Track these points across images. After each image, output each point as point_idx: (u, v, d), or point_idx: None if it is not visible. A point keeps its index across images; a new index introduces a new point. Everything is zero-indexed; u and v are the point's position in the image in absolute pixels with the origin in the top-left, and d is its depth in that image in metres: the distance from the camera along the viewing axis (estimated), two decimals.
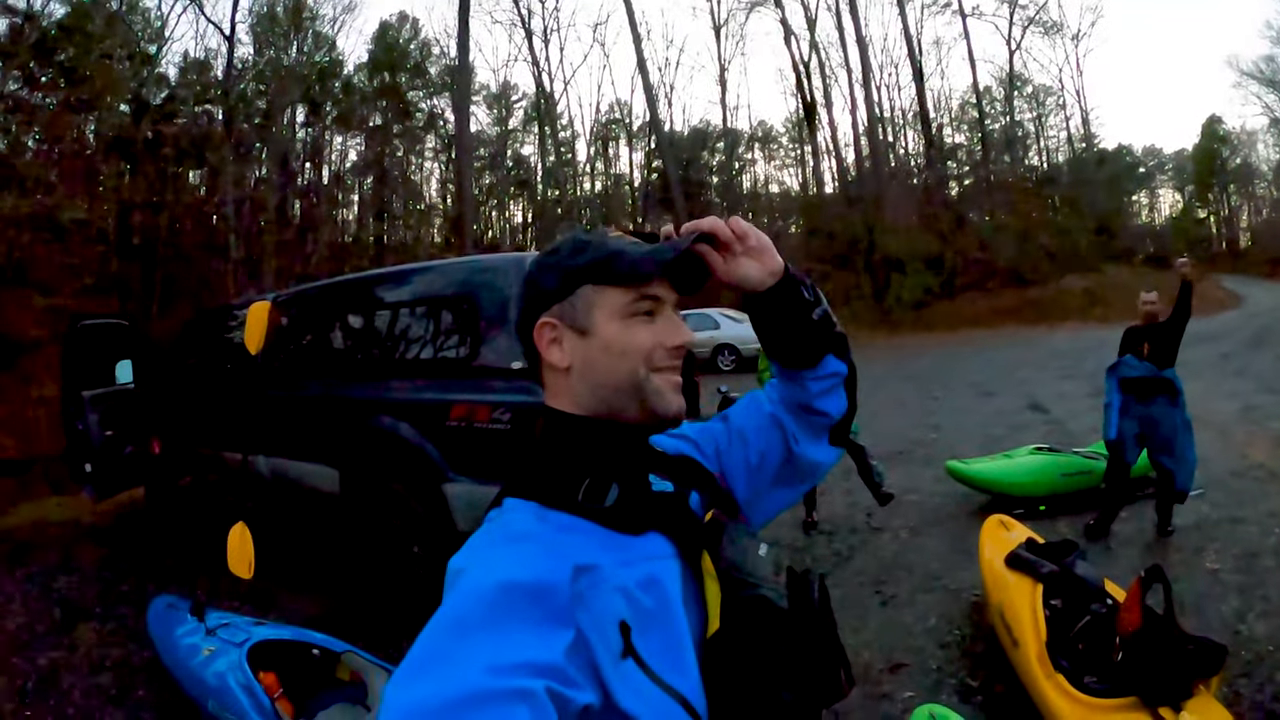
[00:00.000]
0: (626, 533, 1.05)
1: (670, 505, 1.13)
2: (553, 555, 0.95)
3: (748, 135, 47.54)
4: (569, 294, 1.12)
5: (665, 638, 1.00)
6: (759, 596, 1.10)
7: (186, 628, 4.45)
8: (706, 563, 1.10)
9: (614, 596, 0.96)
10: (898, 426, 11.54)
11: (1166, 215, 57.94)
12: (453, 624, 0.86)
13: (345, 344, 6.48)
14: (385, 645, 4.63)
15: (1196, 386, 13.37)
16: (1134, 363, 6.51)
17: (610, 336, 1.11)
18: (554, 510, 1.04)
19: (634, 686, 0.93)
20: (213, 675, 3.93)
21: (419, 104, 40.40)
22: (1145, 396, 6.42)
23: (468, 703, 0.77)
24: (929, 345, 24.97)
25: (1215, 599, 5.25)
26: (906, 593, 5.69)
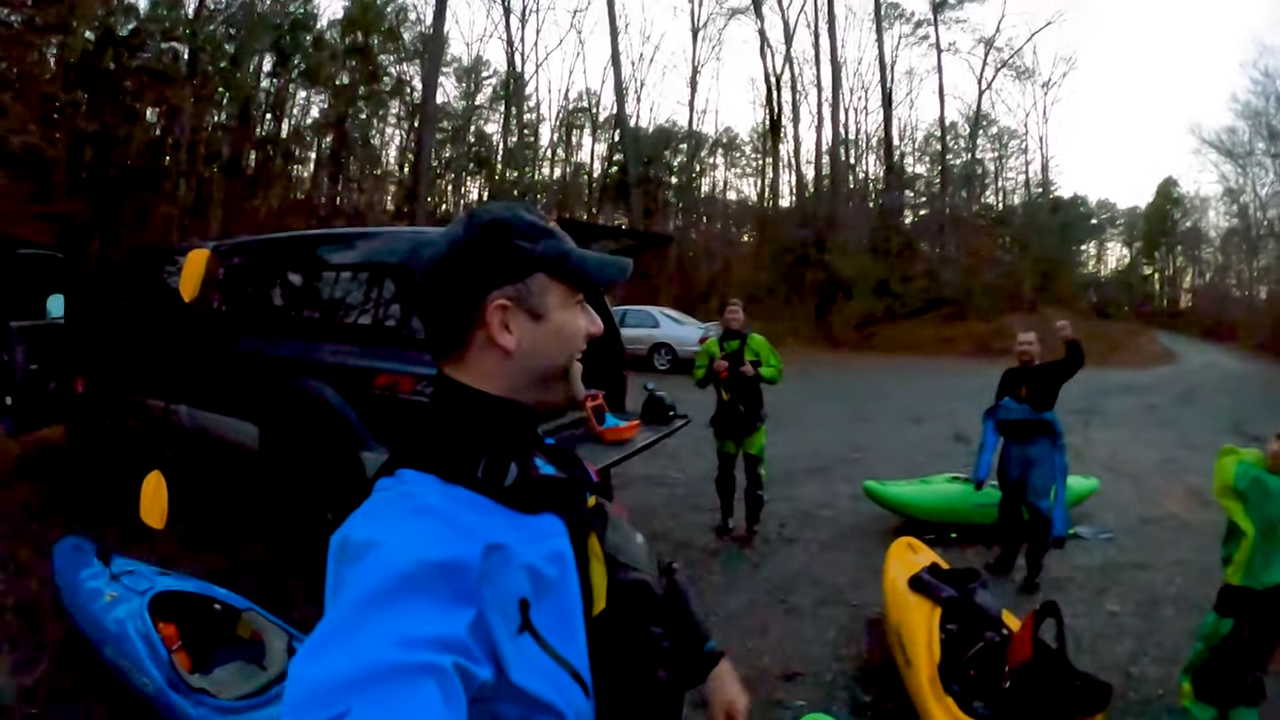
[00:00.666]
0: (524, 512, 1.05)
1: (564, 488, 1.14)
2: (464, 533, 0.95)
3: (712, 140, 47.59)
4: (524, 277, 1.13)
5: (560, 609, 1.03)
6: (641, 581, 1.17)
7: (91, 571, 4.37)
8: (594, 545, 1.13)
9: (518, 575, 0.97)
10: (824, 442, 11.66)
11: (1113, 268, 58.99)
12: (365, 598, 0.85)
13: (280, 301, 6.39)
14: (288, 607, 4.60)
15: (1120, 434, 13.81)
16: (1012, 405, 6.42)
17: (563, 323, 1.15)
18: (454, 485, 1.04)
19: (529, 660, 0.95)
20: (113, 621, 3.86)
21: (388, 68, 39.93)
22: (1023, 438, 6.36)
23: (376, 676, 0.77)
24: (867, 367, 25.26)
25: (1111, 639, 5.37)
26: (810, 605, 5.75)
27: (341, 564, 0.93)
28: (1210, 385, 23.47)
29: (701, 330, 21.21)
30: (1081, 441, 12.49)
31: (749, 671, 4.66)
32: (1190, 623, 5.50)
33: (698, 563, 6.45)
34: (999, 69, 43.00)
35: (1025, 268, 38.43)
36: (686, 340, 20.80)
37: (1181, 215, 54.36)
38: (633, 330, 19.45)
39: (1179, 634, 5.43)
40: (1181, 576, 6.59)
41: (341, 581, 0.90)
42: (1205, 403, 19.47)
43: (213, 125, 32.20)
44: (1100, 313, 43.77)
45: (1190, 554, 7.13)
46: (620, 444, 6.20)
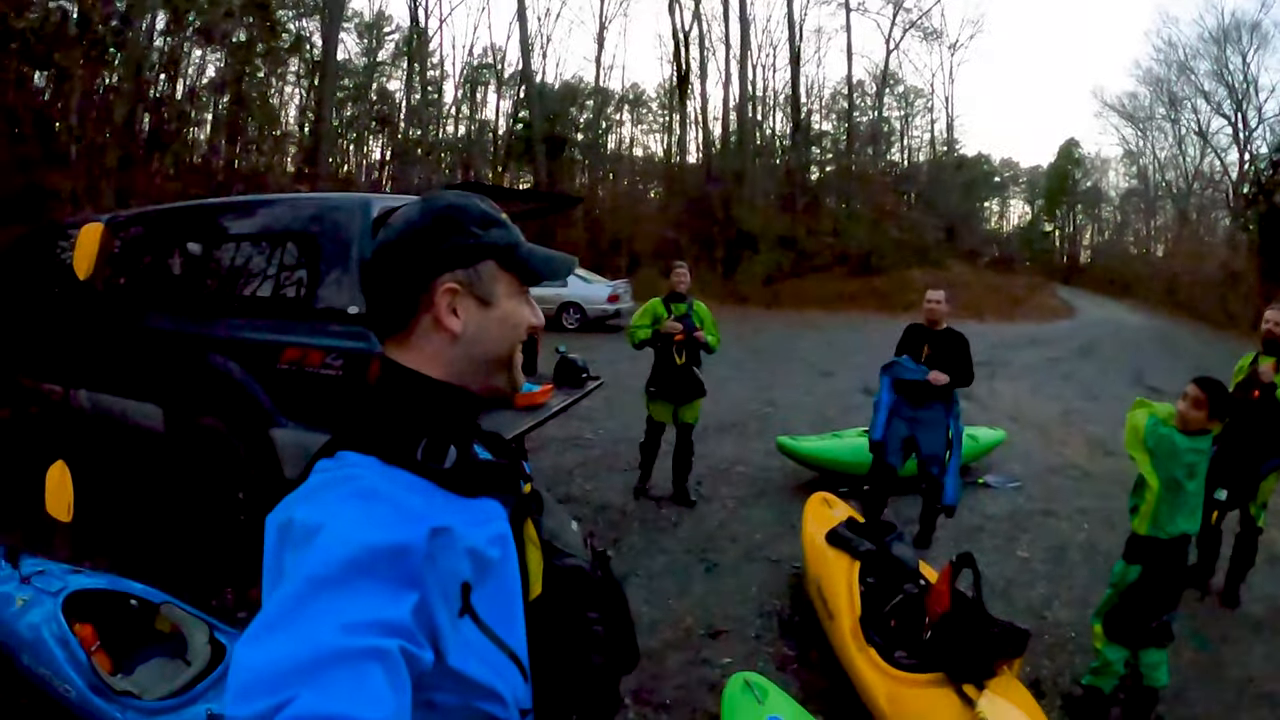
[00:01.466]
0: (464, 495, 1.06)
1: (502, 472, 1.15)
2: (409, 516, 0.94)
3: (619, 96, 47.34)
4: (475, 264, 1.13)
5: (501, 593, 1.05)
6: (576, 566, 1.20)
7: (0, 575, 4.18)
8: (530, 530, 1.16)
9: (461, 558, 0.97)
10: (736, 399, 11.76)
11: (1015, 224, 60.30)
12: (310, 582, 0.83)
13: (180, 275, 6.12)
14: (206, 596, 4.49)
15: (1024, 386, 14.17)
16: (911, 365, 6.18)
17: (509, 312, 1.16)
18: (395, 468, 1.03)
19: (468, 644, 0.97)
20: (26, 627, 3.68)
21: (287, 24, 38.88)
22: (918, 401, 6.16)
23: (322, 661, 0.76)
24: (775, 322, 25.47)
25: (1024, 586, 5.56)
26: (730, 562, 5.82)
27: (284, 547, 0.92)
28: (1109, 339, 24.22)
29: (610, 288, 21.18)
30: (987, 393, 12.80)
31: (673, 632, 4.72)
32: (1097, 568, 5.74)
33: (617, 524, 6.48)
34: (907, 29, 43.44)
35: (929, 223, 39.01)
36: (595, 299, 20.78)
37: (1082, 175, 55.79)
38: (540, 290, 19.33)
39: (1087, 578, 5.66)
40: (1087, 523, 6.85)
41: (285, 565, 0.89)
42: (1105, 356, 20.12)
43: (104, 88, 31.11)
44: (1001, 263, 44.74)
45: (1094, 502, 7.41)
46: (534, 409, 6.09)
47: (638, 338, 6.87)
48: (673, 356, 6.75)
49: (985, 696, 3.30)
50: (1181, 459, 3.76)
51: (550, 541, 1.19)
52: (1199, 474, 3.82)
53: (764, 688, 3.36)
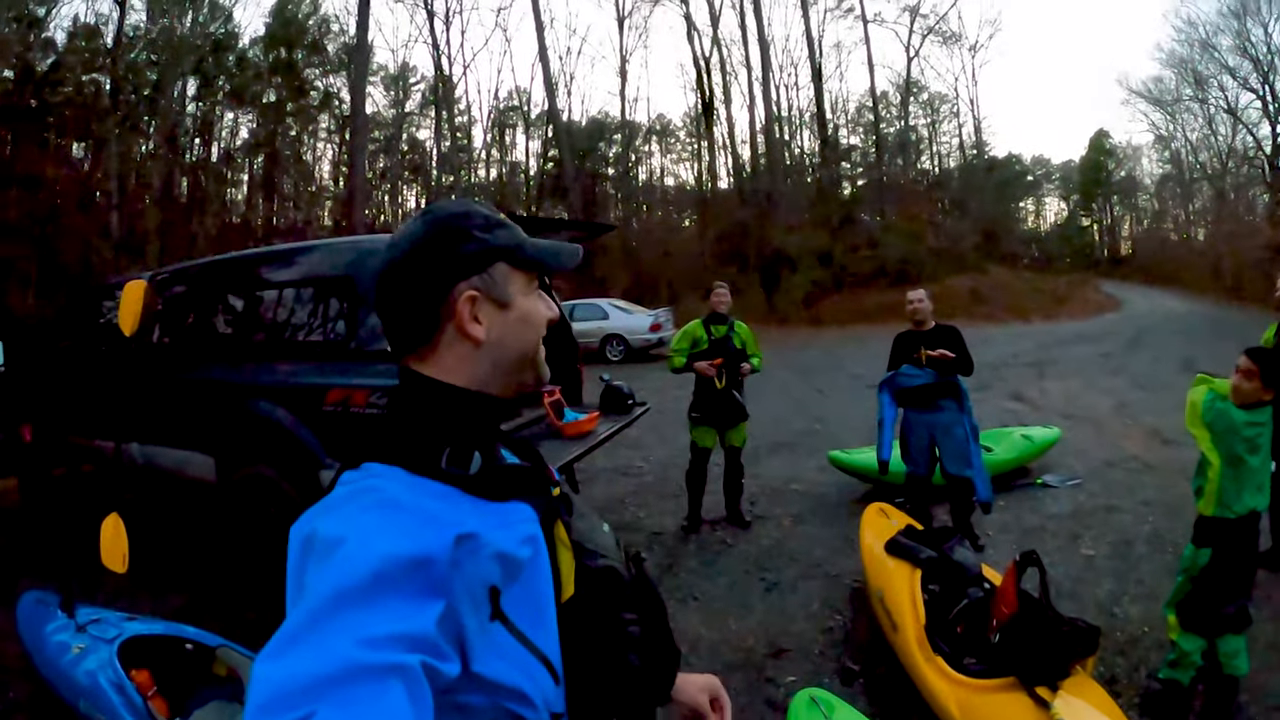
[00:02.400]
0: (492, 500, 1.05)
1: (530, 475, 1.14)
2: (433, 525, 0.93)
3: (645, 128, 47.62)
4: (487, 267, 1.13)
5: (531, 596, 1.04)
6: (609, 567, 1.20)
7: (56, 624, 4.20)
8: (560, 532, 1.16)
9: (489, 563, 0.96)
10: (783, 417, 11.71)
11: (1052, 222, 59.87)
12: (332, 596, 0.83)
13: (223, 325, 6.22)
14: (261, 638, 4.49)
15: (1075, 383, 14.00)
16: (913, 371, 6.12)
17: (527, 308, 1.17)
18: (420, 477, 1.03)
19: (497, 647, 0.96)
20: (83, 674, 3.72)
21: (315, 82, 39.54)
22: (928, 405, 6.10)
23: (342, 677, 0.75)
24: (817, 339, 25.42)
25: (1090, 583, 5.42)
26: (789, 579, 5.74)
27: (307, 560, 0.91)
28: (1157, 329, 23.89)
29: (651, 318, 21.24)
30: (1038, 393, 12.68)
31: (734, 653, 4.66)
32: (1165, 559, 5.62)
33: (673, 549, 6.42)
34: (925, 36, 43.45)
35: (966, 229, 38.76)
36: (637, 329, 20.86)
37: (1115, 165, 55.44)
38: (583, 324, 19.48)
39: (1155, 571, 5.53)
40: (1151, 515, 6.70)
41: (307, 578, 0.89)
42: (1154, 346, 19.81)
43: (141, 155, 31.71)
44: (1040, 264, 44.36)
45: (1156, 493, 7.26)
46: (582, 437, 6.11)
47: (675, 364, 6.81)
48: (713, 381, 6.67)
49: (1060, 698, 3.21)
50: (1241, 433, 3.66)
51: (581, 543, 1.19)
52: (1261, 447, 3.71)
53: (830, 703, 3.29)
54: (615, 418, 6.80)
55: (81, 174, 28.98)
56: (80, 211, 27.13)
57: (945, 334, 6.15)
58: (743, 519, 6.98)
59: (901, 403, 6.23)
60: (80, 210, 27.21)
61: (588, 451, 6.04)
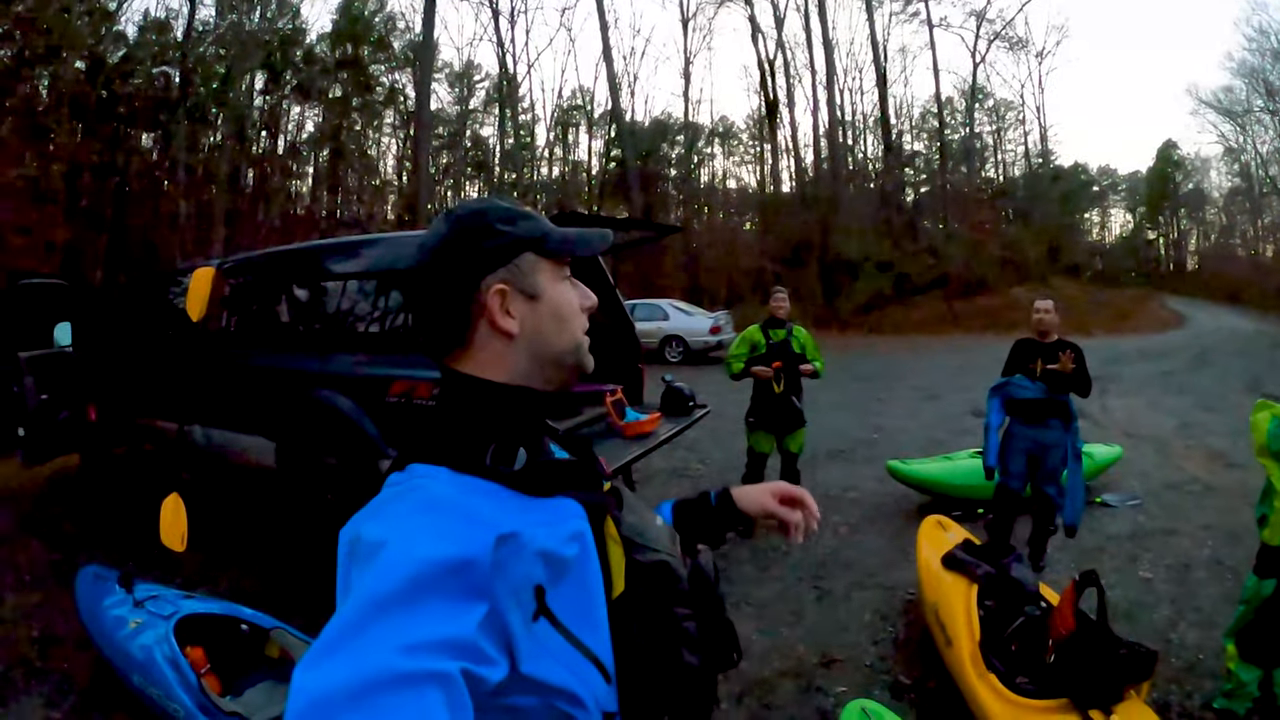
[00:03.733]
0: (538, 496, 1.05)
1: (577, 470, 1.14)
2: (475, 525, 0.93)
3: (708, 130, 47.45)
4: (513, 259, 1.13)
5: (580, 591, 1.04)
6: (661, 562, 1.17)
7: (114, 599, 4.31)
8: (610, 527, 1.13)
9: (533, 562, 0.96)
10: (841, 426, 11.60)
11: (1117, 234, 58.90)
12: (372, 601, 0.83)
13: (289, 314, 6.34)
14: (316, 623, 4.54)
15: (1138, 401, 13.76)
16: (1025, 382, 5.91)
17: (559, 299, 1.16)
18: (465, 475, 1.03)
19: (545, 647, 0.95)
20: (139, 648, 3.81)
21: (380, 78, 39.99)
22: (1035, 419, 5.89)
23: (379, 685, 0.75)
24: (877, 348, 25.24)
25: (1148, 607, 5.32)
26: (843, 589, 5.69)
27: (351, 564, 0.92)
28: (1222, 347, 23.41)
29: (711, 320, 21.25)
30: (1099, 410, 12.46)
31: (785, 661, 4.63)
32: (1224, 586, 5.50)
33: (726, 553, 6.38)
34: (991, 41, 42.75)
35: (1029, 239, 38.28)
36: (697, 331, 20.87)
37: (1183, 178, 54.25)
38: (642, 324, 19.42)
39: (1214, 597, 5.40)
40: (1211, 539, 6.55)
41: (350, 583, 0.89)
42: (1219, 364, 19.41)
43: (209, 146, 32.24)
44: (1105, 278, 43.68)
45: (1217, 517, 7.10)
46: (643, 437, 6.12)
47: (733, 369, 6.77)
48: (771, 386, 6.64)
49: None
50: None
51: (632, 538, 1.17)
52: None
53: (881, 714, 3.28)
54: (676, 419, 6.81)
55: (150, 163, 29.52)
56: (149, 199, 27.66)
57: (1066, 348, 5.94)
58: None
59: (1009, 413, 6.06)
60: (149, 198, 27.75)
61: (648, 452, 6.06)
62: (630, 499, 1.25)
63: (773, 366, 6.57)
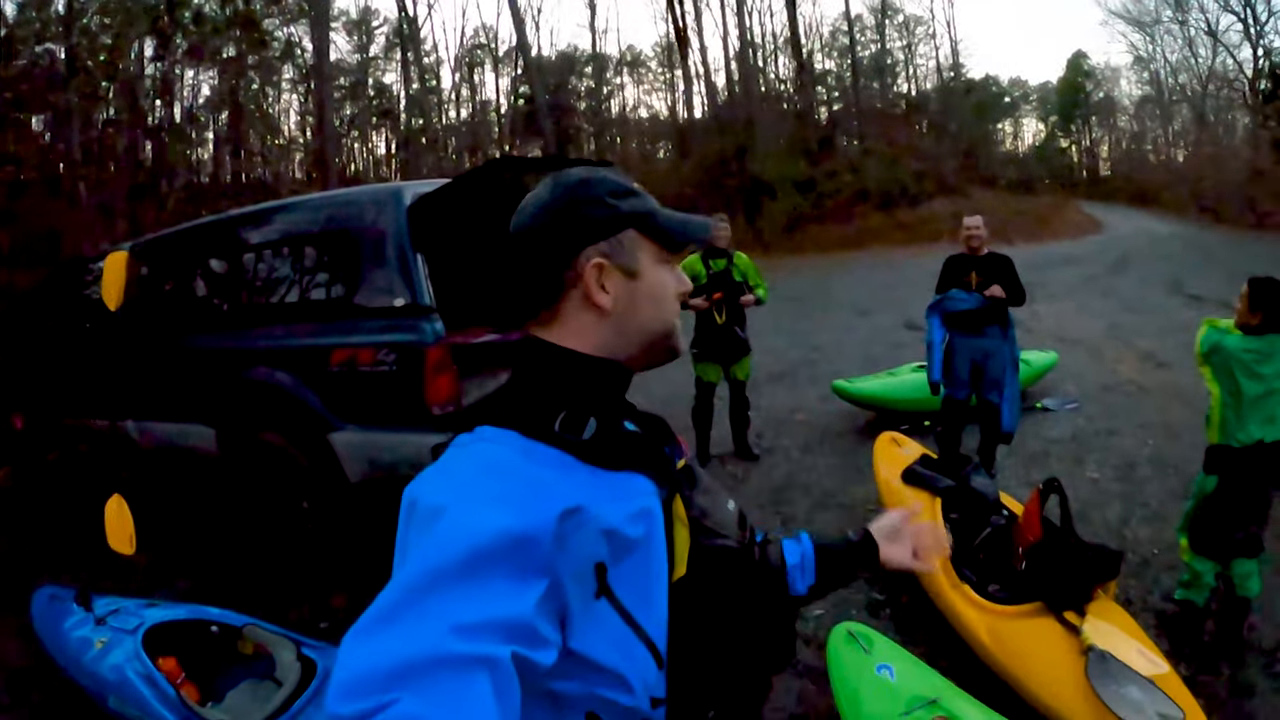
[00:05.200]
0: (606, 468, 1.01)
1: (649, 445, 1.09)
2: (539, 496, 0.90)
3: (616, 60, 47.19)
4: (616, 234, 1.09)
5: (643, 570, 0.99)
6: (725, 547, 1.14)
7: (74, 619, 4.11)
8: (679, 508, 1.09)
9: (596, 539, 0.93)
10: (778, 347, 11.71)
11: (1030, 144, 59.82)
12: (427, 573, 0.80)
13: (212, 292, 6.03)
14: (285, 611, 4.44)
15: (1065, 306, 14.07)
16: (962, 295, 6.05)
17: (656, 281, 1.12)
18: (534, 441, 0.99)
19: (601, 626, 0.93)
20: (110, 669, 3.64)
21: (275, 32, 38.85)
22: (975, 329, 6.06)
23: (428, 665, 0.73)
24: (802, 267, 25.41)
25: (1099, 506, 5.48)
26: (804, 511, 5.76)
27: (410, 527, 0.90)
28: (1141, 250, 24.09)
29: None
30: (1029, 316, 12.70)
31: None
32: (1168, 481, 5.71)
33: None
34: None
35: (945, 151, 38.62)
36: None
37: (1094, 87, 55.43)
38: None
39: (1160, 493, 5.61)
40: (1151, 438, 6.74)
41: (408, 547, 0.88)
42: (1140, 268, 20.01)
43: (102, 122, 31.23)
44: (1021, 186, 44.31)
45: (1153, 416, 7.33)
46: None
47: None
48: (713, 316, 6.63)
49: (1089, 622, 3.26)
50: (1236, 357, 3.70)
51: (700, 520, 1.13)
52: (1264, 376, 3.72)
53: (869, 637, 3.30)
54: None
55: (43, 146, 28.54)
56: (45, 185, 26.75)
57: (997, 261, 6.14)
58: (751, 452, 7.00)
59: (948, 326, 6.15)
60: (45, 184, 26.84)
61: None
62: (705, 481, 1.22)
63: (713, 298, 6.54)
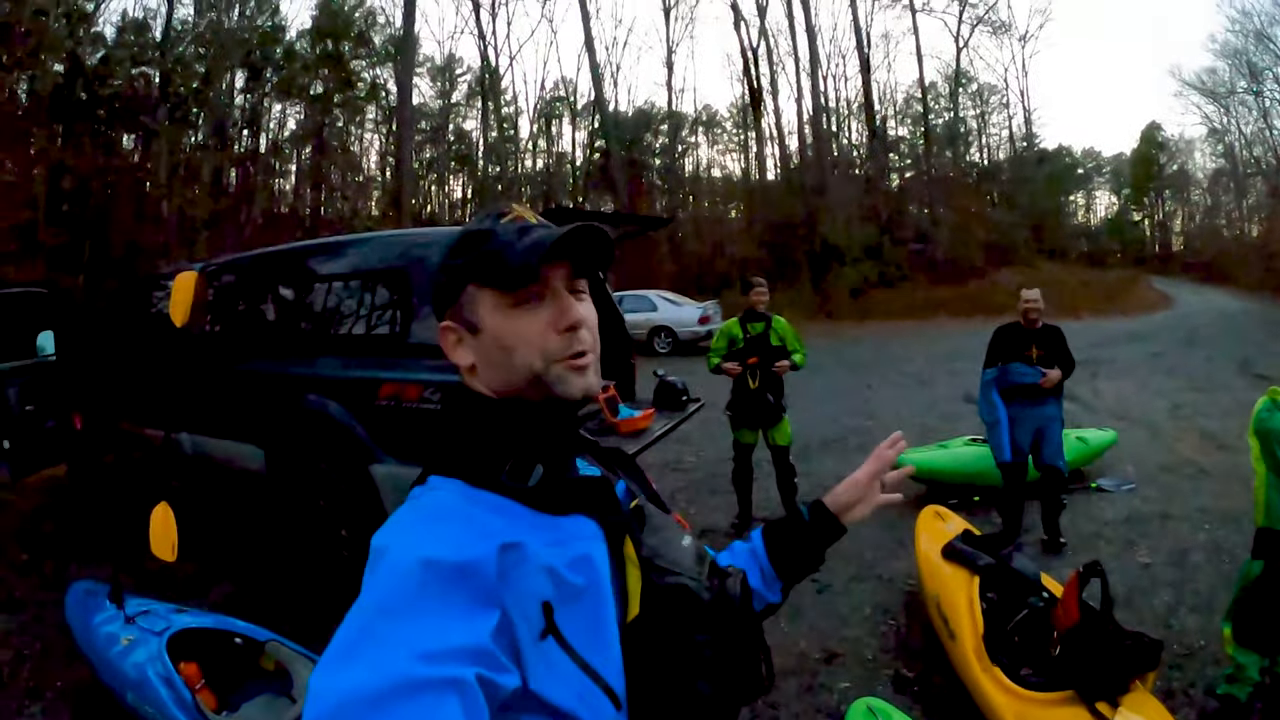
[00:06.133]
0: (551, 513, 1.04)
1: (594, 489, 1.12)
2: (478, 533, 0.93)
3: (692, 119, 47.45)
4: (459, 294, 1.11)
5: (590, 617, 1.00)
6: (679, 585, 1.11)
7: (105, 615, 4.24)
8: (628, 549, 1.10)
9: (539, 576, 0.94)
10: (832, 414, 11.58)
11: (1102, 216, 59.21)
12: (379, 606, 0.83)
13: (274, 317, 6.26)
14: (310, 633, 4.49)
15: (1128, 384, 13.77)
16: (1024, 369, 6.06)
17: (497, 330, 1.07)
18: (479, 489, 1.03)
19: (552, 667, 0.92)
20: (131, 666, 3.76)
21: (362, 74, 39.80)
22: (1038, 399, 6.07)
23: (398, 692, 0.75)
24: (866, 334, 25.24)
25: (1147, 593, 5.31)
26: (842, 582, 5.66)
27: (367, 570, 0.91)
28: (1211, 327, 23.52)
29: (699, 310, 21.22)
30: (1090, 393, 12.49)
31: (786, 658, 4.59)
32: (1223, 569, 5.51)
33: (720, 547, 6.33)
34: (975, 25, 42.78)
35: (1015, 223, 38.32)
36: (685, 321, 20.86)
37: (1167, 159, 54.62)
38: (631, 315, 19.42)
39: (1213, 582, 5.40)
40: (1208, 523, 6.56)
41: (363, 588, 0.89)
42: (1208, 345, 19.50)
43: (190, 146, 32.11)
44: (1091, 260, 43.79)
45: (1213, 500, 7.12)
46: (637, 434, 6.12)
47: (711, 364, 6.72)
48: (746, 380, 6.57)
49: (1120, 714, 3.15)
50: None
51: (652, 559, 1.12)
52: None
53: (887, 713, 3.24)
54: (670, 414, 6.81)
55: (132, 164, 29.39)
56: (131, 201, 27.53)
57: (1051, 334, 6.16)
58: None
59: (1007, 398, 6.13)
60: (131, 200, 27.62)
61: (643, 449, 6.00)
62: (656, 519, 1.20)
63: (748, 362, 6.50)
